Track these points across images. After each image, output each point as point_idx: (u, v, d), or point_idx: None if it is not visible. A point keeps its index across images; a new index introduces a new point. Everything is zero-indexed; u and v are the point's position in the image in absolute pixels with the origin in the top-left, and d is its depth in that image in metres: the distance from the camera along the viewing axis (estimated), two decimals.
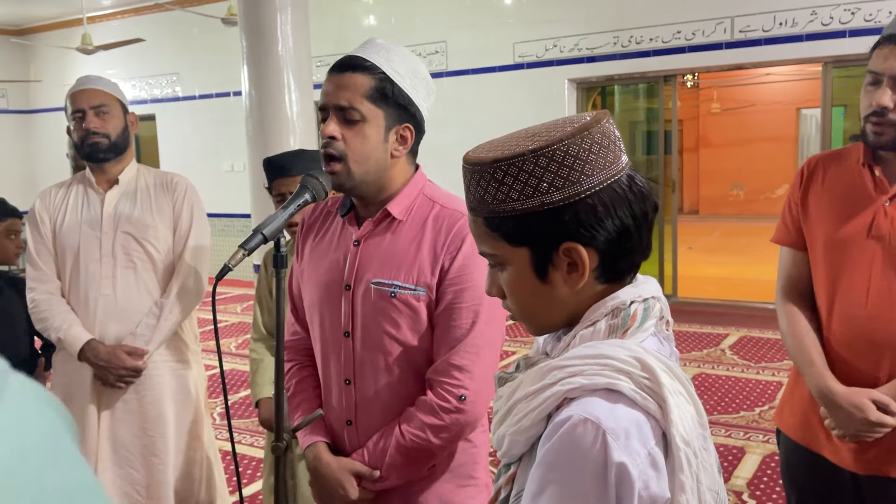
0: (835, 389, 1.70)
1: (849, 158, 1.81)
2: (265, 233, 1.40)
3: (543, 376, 0.89)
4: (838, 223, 1.75)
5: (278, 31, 5.07)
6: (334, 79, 1.47)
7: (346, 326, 1.55)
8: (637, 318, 0.91)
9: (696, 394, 0.91)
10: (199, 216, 2.54)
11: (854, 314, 1.71)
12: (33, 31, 11.16)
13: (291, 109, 5.13)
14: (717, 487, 0.91)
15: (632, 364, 0.86)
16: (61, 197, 2.51)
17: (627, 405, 0.85)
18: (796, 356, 1.80)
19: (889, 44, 1.63)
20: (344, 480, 1.52)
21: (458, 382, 1.48)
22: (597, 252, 0.90)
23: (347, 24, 8.54)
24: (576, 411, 0.84)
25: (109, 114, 2.44)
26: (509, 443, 0.93)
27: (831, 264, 1.75)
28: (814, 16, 6.43)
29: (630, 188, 0.90)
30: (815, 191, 1.82)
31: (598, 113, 0.92)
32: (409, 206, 1.55)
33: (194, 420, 2.55)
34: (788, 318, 1.83)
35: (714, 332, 6.54)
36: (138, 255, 2.44)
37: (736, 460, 3.92)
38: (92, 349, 2.36)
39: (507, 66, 7.89)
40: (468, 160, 0.93)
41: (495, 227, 0.92)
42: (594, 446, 0.81)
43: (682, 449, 0.84)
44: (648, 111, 8.40)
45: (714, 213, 15.34)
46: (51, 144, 11.36)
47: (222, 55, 9.22)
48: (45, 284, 2.44)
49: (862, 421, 1.65)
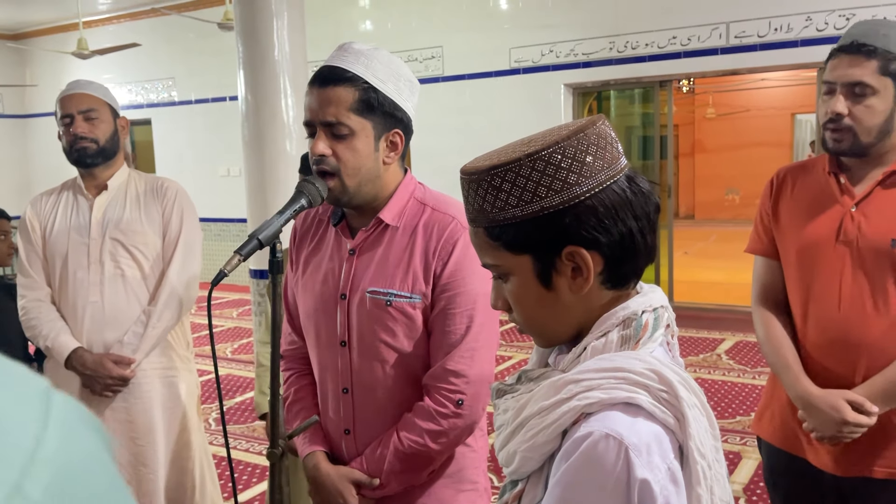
0: (811, 392, 1.74)
1: (815, 168, 1.87)
2: (261, 238, 1.40)
3: (558, 391, 0.86)
4: (808, 230, 1.80)
5: (274, 36, 5.06)
6: (317, 93, 1.46)
7: (342, 336, 1.55)
8: (648, 329, 0.90)
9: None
10: (190, 221, 2.49)
11: (828, 318, 1.75)
12: (29, 35, 11.15)
13: (287, 114, 5.12)
14: (727, 498, 0.90)
15: (649, 377, 0.84)
16: (52, 203, 2.49)
17: (647, 419, 0.83)
18: (773, 362, 1.84)
19: (840, 54, 1.71)
20: (343, 489, 1.52)
21: (455, 387, 1.48)
22: (601, 255, 0.88)
23: (343, 29, 8.55)
24: (596, 427, 0.81)
25: (98, 118, 2.41)
26: (521, 459, 0.90)
27: (804, 270, 1.80)
28: (809, 21, 6.45)
29: (630, 189, 0.89)
30: (784, 200, 1.87)
31: (594, 116, 0.91)
32: (401, 212, 1.55)
33: (185, 428, 2.52)
34: (764, 325, 1.87)
35: (710, 337, 6.55)
36: (126, 262, 2.41)
37: (732, 465, 3.91)
38: (78, 357, 2.34)
39: (503, 72, 7.90)
40: (465, 171, 0.92)
41: (496, 237, 0.90)
42: (617, 463, 0.79)
43: (699, 462, 0.83)
44: (644, 116, 8.41)
45: (710, 217, 15.37)
46: (46, 149, 11.33)
47: (218, 60, 9.22)
48: (34, 292, 2.42)
49: (839, 421, 1.69)
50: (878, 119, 1.70)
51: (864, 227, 1.72)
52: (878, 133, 1.71)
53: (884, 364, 1.69)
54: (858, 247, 1.72)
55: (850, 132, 1.71)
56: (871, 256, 1.71)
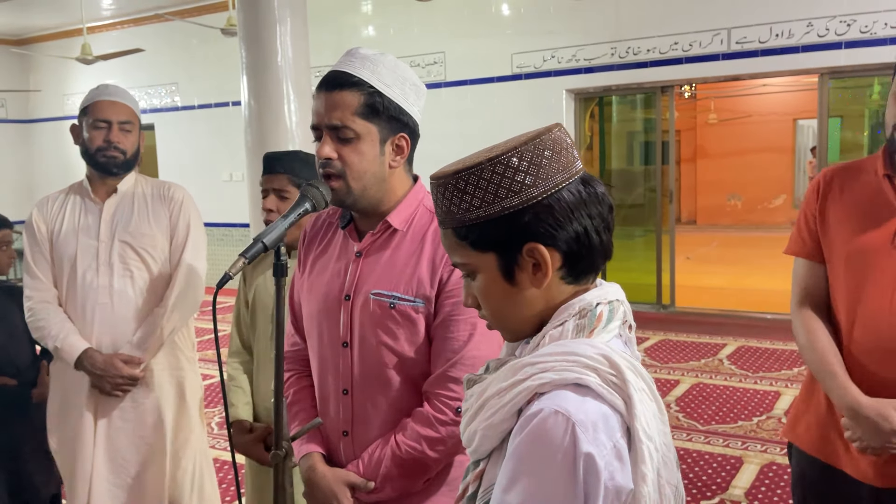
0: (861, 401, 1.69)
1: (865, 170, 1.81)
2: (265, 241, 1.41)
3: (515, 373, 0.94)
4: (861, 234, 1.75)
5: (277, 42, 5.09)
6: (324, 97, 1.48)
7: (344, 336, 1.55)
8: (603, 319, 0.96)
9: (675, 403, 0.93)
10: (196, 226, 2.54)
11: (878, 323, 1.70)
12: (33, 41, 11.19)
13: (290, 119, 5.14)
14: (675, 482, 0.96)
15: (599, 361, 0.90)
16: (58, 206, 2.51)
17: (595, 399, 0.89)
18: (818, 368, 1.78)
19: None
20: (338, 491, 1.52)
21: (455, 395, 1.48)
22: (558, 252, 0.95)
23: (346, 35, 8.57)
24: (546, 404, 0.88)
25: (132, 132, 2.47)
26: (480, 438, 0.97)
27: (854, 274, 1.75)
28: (810, 27, 6.46)
29: (585, 190, 0.96)
30: (833, 202, 1.82)
31: (551, 125, 0.99)
32: (409, 218, 1.56)
33: (189, 428, 2.55)
34: (807, 330, 1.82)
35: (712, 342, 6.54)
36: (135, 265, 2.44)
37: (734, 470, 3.92)
38: (89, 358, 2.36)
39: (505, 77, 7.92)
40: (434, 176, 0.99)
41: (463, 237, 0.98)
42: (565, 438, 0.85)
43: (645, 443, 0.89)
44: (646, 122, 8.42)
45: (712, 223, 15.36)
46: (50, 154, 11.37)
47: (221, 65, 9.24)
48: (41, 293, 2.44)
49: (889, 431, 1.64)
50: None
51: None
52: None
53: None
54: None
55: None
56: None
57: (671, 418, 4.72)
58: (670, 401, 5.07)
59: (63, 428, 2.48)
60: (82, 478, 2.43)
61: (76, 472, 2.43)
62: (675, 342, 6.64)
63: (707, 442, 4.34)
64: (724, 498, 3.62)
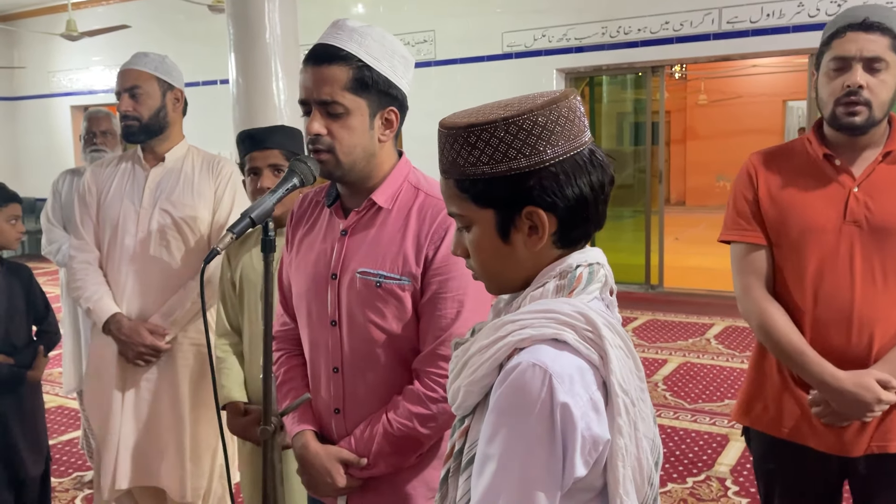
0: (838, 375, 1.72)
1: (797, 152, 1.87)
2: (253, 216, 1.40)
3: (496, 330, 0.96)
4: (810, 213, 1.79)
5: (266, 19, 5.03)
6: (312, 72, 1.46)
7: (332, 315, 1.55)
8: (582, 281, 0.98)
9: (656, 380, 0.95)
10: (240, 203, 2.51)
11: (841, 298, 1.74)
12: (17, 16, 11.02)
13: (279, 97, 5.10)
14: (651, 435, 0.98)
15: (576, 318, 0.93)
16: (111, 170, 2.56)
17: (572, 353, 0.92)
18: (783, 350, 1.80)
19: (852, 31, 1.72)
20: (331, 468, 1.53)
21: (445, 372, 1.48)
22: (556, 218, 0.96)
23: (335, 12, 8.48)
24: (525, 358, 0.91)
25: (143, 94, 2.44)
26: (464, 394, 0.99)
27: (808, 253, 1.78)
28: (801, 7, 6.46)
29: (591, 161, 0.97)
30: (773, 186, 1.85)
31: (567, 90, 0.99)
32: (395, 194, 1.55)
33: (208, 404, 2.52)
34: (766, 315, 1.83)
35: (699, 322, 6.59)
36: (172, 234, 2.45)
37: (720, 447, 3.96)
38: (116, 322, 2.40)
39: (495, 56, 7.88)
40: (444, 124, 0.99)
41: (465, 189, 0.98)
42: (542, 389, 0.88)
43: (621, 396, 0.92)
44: (636, 102, 8.41)
45: (700, 204, 15.41)
46: (35, 131, 11.25)
47: (209, 43, 9.14)
48: (84, 254, 2.49)
49: (872, 401, 1.68)
50: (889, 94, 1.72)
51: (872, 207, 1.74)
52: (886, 109, 1.73)
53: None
54: (869, 224, 1.73)
55: (867, 106, 1.71)
56: (882, 235, 1.73)
57: (659, 397, 4.76)
58: (658, 380, 5.11)
59: (98, 396, 2.52)
60: (110, 446, 2.46)
61: (107, 440, 2.47)
62: (663, 322, 6.68)
63: (694, 420, 4.38)
64: (710, 475, 3.67)
